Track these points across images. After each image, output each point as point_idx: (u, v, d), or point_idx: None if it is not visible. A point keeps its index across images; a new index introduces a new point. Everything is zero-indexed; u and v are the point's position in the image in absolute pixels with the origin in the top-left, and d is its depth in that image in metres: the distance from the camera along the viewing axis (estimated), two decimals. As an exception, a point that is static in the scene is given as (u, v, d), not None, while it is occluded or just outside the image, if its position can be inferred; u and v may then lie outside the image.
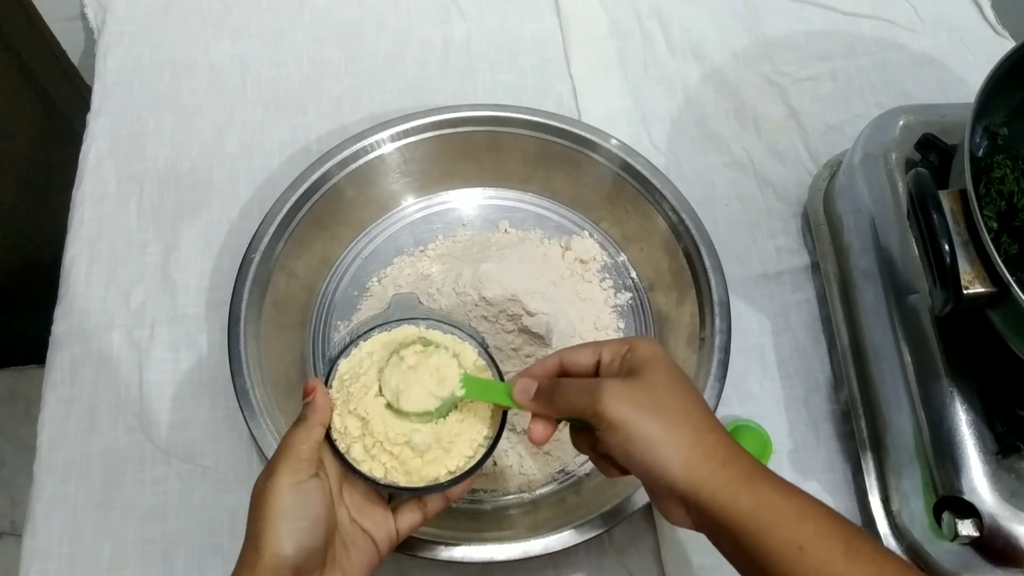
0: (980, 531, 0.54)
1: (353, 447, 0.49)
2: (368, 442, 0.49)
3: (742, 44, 0.88)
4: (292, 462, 0.46)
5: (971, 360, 0.59)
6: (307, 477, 0.46)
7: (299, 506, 0.45)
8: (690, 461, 0.43)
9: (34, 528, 0.64)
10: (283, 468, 0.46)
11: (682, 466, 0.43)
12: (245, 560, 0.45)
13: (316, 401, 0.49)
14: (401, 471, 0.49)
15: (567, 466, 0.66)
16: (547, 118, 0.73)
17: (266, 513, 0.45)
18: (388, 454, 0.49)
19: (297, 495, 0.45)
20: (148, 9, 0.88)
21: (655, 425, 0.44)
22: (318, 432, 0.48)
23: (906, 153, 0.66)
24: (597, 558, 0.64)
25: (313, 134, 0.81)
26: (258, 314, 0.64)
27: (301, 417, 0.49)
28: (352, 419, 0.50)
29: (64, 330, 0.71)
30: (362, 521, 0.50)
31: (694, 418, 0.45)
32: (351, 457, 0.49)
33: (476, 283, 0.68)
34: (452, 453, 0.50)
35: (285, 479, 0.45)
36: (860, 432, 0.67)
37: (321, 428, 0.48)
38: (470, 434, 0.51)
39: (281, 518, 0.44)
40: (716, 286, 0.66)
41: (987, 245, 0.50)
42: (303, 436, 0.47)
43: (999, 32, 0.90)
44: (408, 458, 0.49)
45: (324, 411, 0.49)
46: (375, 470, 0.49)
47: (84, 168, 0.79)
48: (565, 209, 0.77)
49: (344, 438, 0.49)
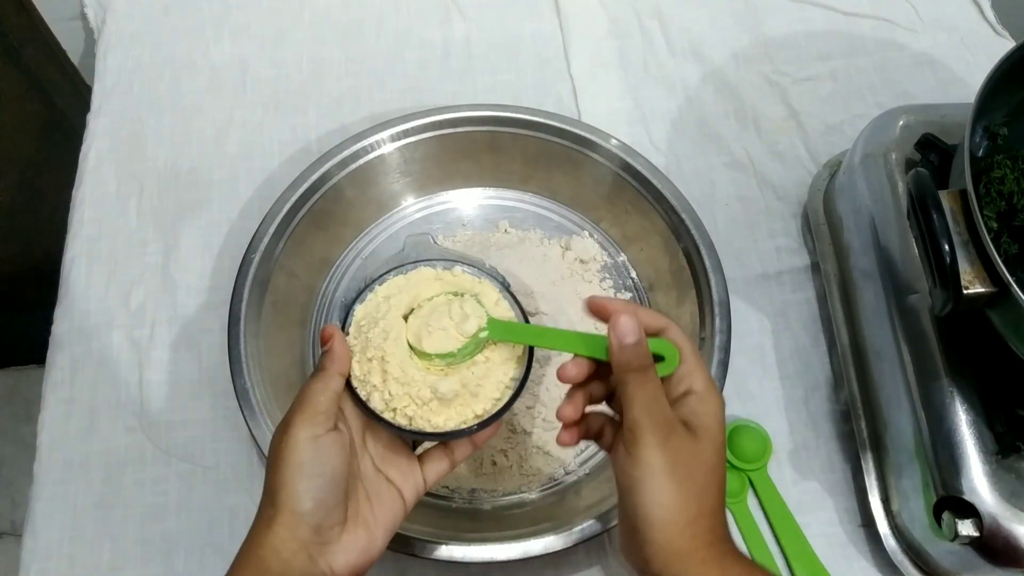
0: (980, 531, 0.54)
1: (373, 395, 0.48)
2: (392, 388, 0.47)
3: (742, 44, 0.88)
4: (309, 415, 0.44)
5: (971, 360, 0.59)
6: (325, 431, 0.44)
7: (317, 461, 0.44)
8: (680, 535, 0.43)
9: (34, 528, 0.64)
10: (300, 421, 0.44)
11: (667, 538, 0.43)
12: (263, 515, 0.44)
13: (334, 349, 0.47)
14: (425, 417, 0.48)
15: (567, 466, 0.66)
16: (547, 118, 0.73)
17: (284, 469, 0.43)
18: (411, 400, 0.48)
19: (315, 450, 0.44)
20: (148, 9, 0.88)
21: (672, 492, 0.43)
22: (337, 382, 0.46)
23: (906, 153, 0.66)
24: (597, 558, 0.64)
25: (313, 134, 0.81)
26: (258, 314, 0.64)
27: (319, 367, 0.47)
28: (373, 365, 0.48)
29: (64, 330, 0.71)
30: (387, 470, 0.48)
31: (706, 501, 0.44)
32: (372, 405, 0.47)
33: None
34: (479, 396, 0.49)
35: (302, 433, 0.44)
36: (860, 432, 0.66)
37: (340, 378, 0.47)
38: (496, 376, 0.49)
39: (298, 473, 0.43)
40: (716, 286, 0.66)
41: (987, 245, 0.50)
42: (321, 387, 0.46)
43: (999, 32, 0.90)
44: (433, 405, 0.48)
45: (343, 360, 0.47)
46: (398, 417, 0.47)
47: (84, 168, 0.79)
48: (565, 209, 0.77)
49: (364, 386, 0.48)
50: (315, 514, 0.43)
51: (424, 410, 0.48)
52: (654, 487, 0.43)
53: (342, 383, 0.47)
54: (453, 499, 0.65)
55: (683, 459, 0.43)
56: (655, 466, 0.43)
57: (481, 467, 0.65)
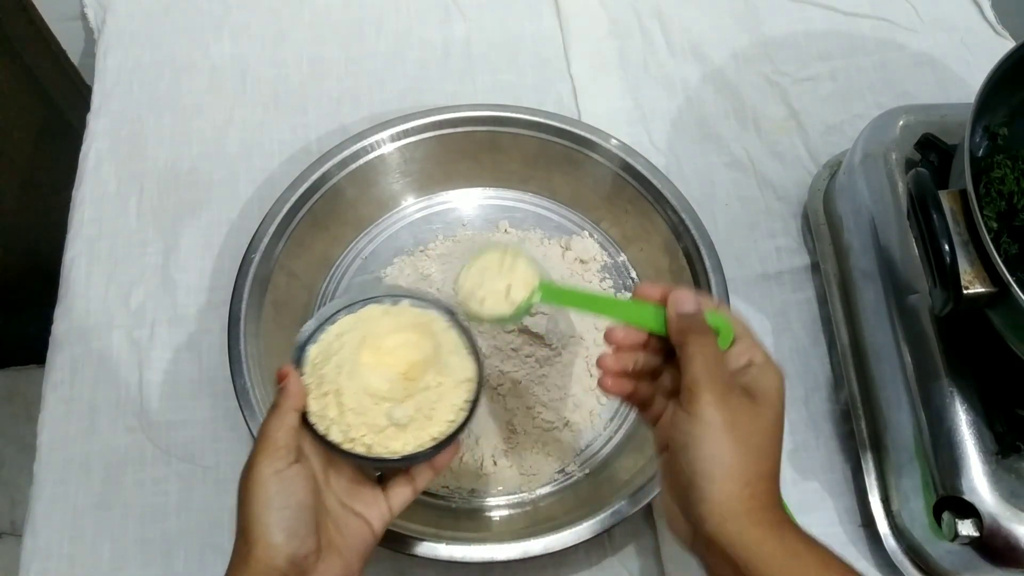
0: (980, 531, 0.55)
1: (332, 429, 0.49)
2: (349, 418, 0.49)
3: (742, 44, 0.88)
4: (270, 451, 0.46)
5: (971, 360, 0.59)
6: (286, 465, 0.46)
7: (282, 494, 0.45)
8: (739, 495, 0.43)
9: (34, 528, 0.64)
10: (262, 458, 0.46)
11: (724, 495, 0.43)
12: (238, 552, 0.45)
13: (288, 387, 0.48)
14: (383, 443, 0.49)
15: (567, 466, 0.66)
16: (547, 118, 0.73)
17: (251, 504, 0.45)
18: (368, 428, 0.49)
19: (279, 483, 0.45)
20: (148, 9, 0.88)
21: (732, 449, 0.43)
22: (292, 418, 0.48)
23: (906, 153, 0.66)
24: (597, 558, 0.64)
25: (313, 134, 0.81)
26: (258, 314, 0.64)
27: (274, 405, 0.48)
28: (329, 400, 0.49)
29: (64, 330, 0.71)
30: (353, 504, 0.50)
31: (764, 463, 0.44)
32: (331, 438, 0.49)
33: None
34: (434, 420, 0.50)
35: (265, 469, 0.45)
36: (860, 432, 0.66)
37: (295, 414, 0.48)
38: (450, 399, 0.51)
39: (266, 507, 0.45)
40: (716, 286, 0.66)
41: (987, 245, 0.50)
42: (277, 423, 0.47)
43: (999, 32, 0.90)
44: (390, 432, 0.49)
45: (297, 396, 0.48)
46: (357, 447, 0.49)
47: (84, 168, 0.79)
48: (565, 209, 0.77)
49: (322, 420, 0.49)
50: (288, 544, 0.44)
51: (381, 437, 0.49)
52: (713, 442, 0.43)
53: (296, 418, 0.48)
54: (453, 499, 0.65)
55: (743, 420, 0.44)
56: (715, 423, 0.43)
57: (481, 467, 0.65)
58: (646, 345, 0.49)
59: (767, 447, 0.44)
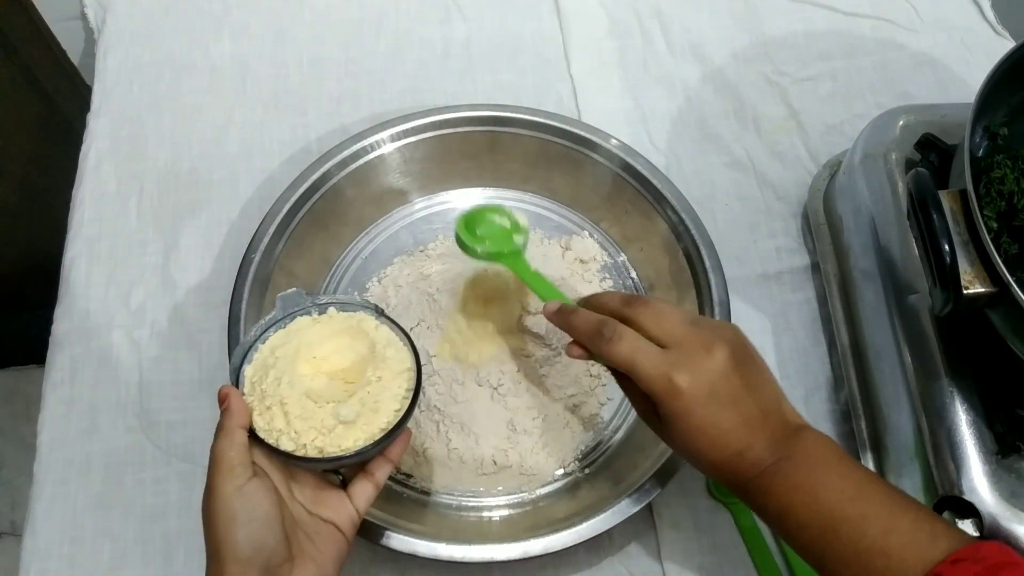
0: (980, 531, 0.54)
1: (282, 439, 0.49)
2: (296, 425, 0.49)
3: (742, 44, 0.88)
4: (226, 471, 0.46)
5: (971, 360, 0.59)
6: (245, 480, 0.46)
7: (246, 508, 0.45)
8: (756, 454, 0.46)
9: (34, 528, 0.64)
10: (219, 479, 0.46)
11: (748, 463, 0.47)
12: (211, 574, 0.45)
13: (231, 407, 0.48)
14: (336, 445, 0.50)
15: (567, 466, 0.66)
16: (547, 118, 0.73)
17: (217, 524, 0.45)
18: (317, 431, 0.50)
19: (241, 499, 0.45)
20: (148, 9, 0.88)
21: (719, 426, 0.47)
22: (240, 435, 0.48)
23: (906, 153, 0.66)
24: (597, 558, 0.64)
25: (313, 134, 0.81)
26: (258, 314, 0.64)
27: (219, 427, 0.48)
28: (274, 412, 0.50)
29: (64, 330, 0.71)
30: (320, 512, 0.50)
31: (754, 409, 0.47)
32: (283, 448, 0.49)
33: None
34: (380, 412, 0.51)
35: (226, 487, 0.46)
36: (860, 432, 0.66)
37: (242, 431, 0.48)
38: (391, 390, 0.52)
39: (232, 524, 0.45)
40: (716, 286, 0.66)
41: (987, 245, 0.50)
42: (227, 444, 0.47)
43: (999, 32, 0.90)
44: (339, 431, 0.50)
45: (241, 414, 0.49)
46: (310, 452, 0.49)
47: (84, 168, 0.79)
48: (565, 209, 0.77)
49: (271, 434, 0.49)
50: (259, 556, 0.45)
51: (332, 437, 0.50)
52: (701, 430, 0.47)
53: (244, 435, 0.48)
54: (453, 499, 0.65)
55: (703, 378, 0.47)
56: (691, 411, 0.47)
57: (481, 467, 0.65)
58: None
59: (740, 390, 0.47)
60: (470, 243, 0.63)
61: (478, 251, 0.63)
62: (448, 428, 0.65)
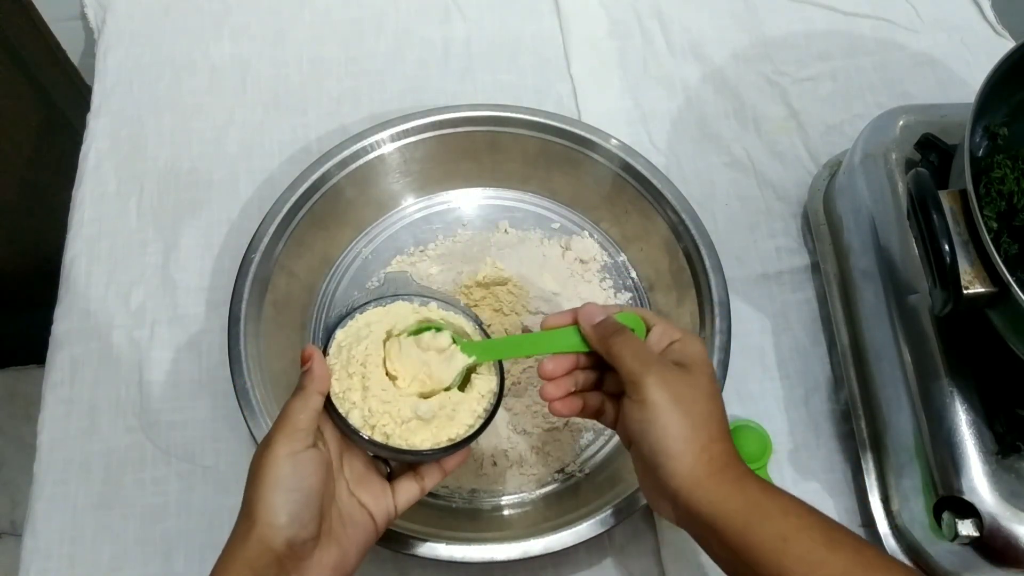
0: (980, 531, 0.54)
1: (352, 412, 0.49)
2: (372, 405, 0.49)
3: (742, 44, 0.88)
4: (289, 432, 0.46)
5: (971, 360, 0.59)
6: (303, 448, 0.46)
7: (294, 476, 0.45)
8: (696, 463, 0.46)
9: (34, 528, 0.64)
10: (280, 438, 0.46)
11: (687, 466, 0.46)
12: (238, 529, 0.45)
13: (313, 369, 0.48)
14: (403, 436, 0.49)
15: (567, 466, 0.66)
16: (547, 118, 0.73)
17: (262, 483, 0.45)
18: (391, 418, 0.49)
19: (293, 465, 0.45)
20: (148, 9, 0.88)
21: (681, 422, 0.46)
22: (316, 401, 0.47)
23: (906, 153, 0.66)
24: (597, 558, 0.64)
25: (313, 134, 0.81)
26: (258, 314, 0.64)
27: (299, 386, 0.48)
28: (354, 382, 0.49)
29: (64, 330, 0.71)
30: (360, 494, 0.50)
31: (713, 427, 0.47)
32: (351, 421, 0.48)
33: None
34: (455, 421, 0.51)
35: (281, 449, 0.45)
36: (860, 432, 0.66)
37: (319, 397, 0.48)
38: (470, 406, 0.52)
39: (276, 488, 0.44)
40: (716, 286, 0.66)
41: (987, 245, 0.50)
42: (300, 405, 0.47)
43: (999, 32, 0.90)
44: (412, 425, 0.50)
45: (322, 379, 0.48)
46: (376, 435, 0.49)
47: (84, 168, 0.79)
48: (565, 209, 0.77)
49: (344, 403, 0.49)
50: (289, 527, 0.44)
51: (403, 429, 0.50)
52: (664, 421, 0.46)
53: (321, 401, 0.48)
54: (453, 499, 0.65)
55: (683, 391, 0.47)
56: (659, 402, 0.46)
57: (481, 467, 0.65)
58: (578, 364, 0.53)
59: (711, 411, 0.48)
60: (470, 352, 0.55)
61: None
62: (448, 428, 0.65)
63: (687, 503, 0.46)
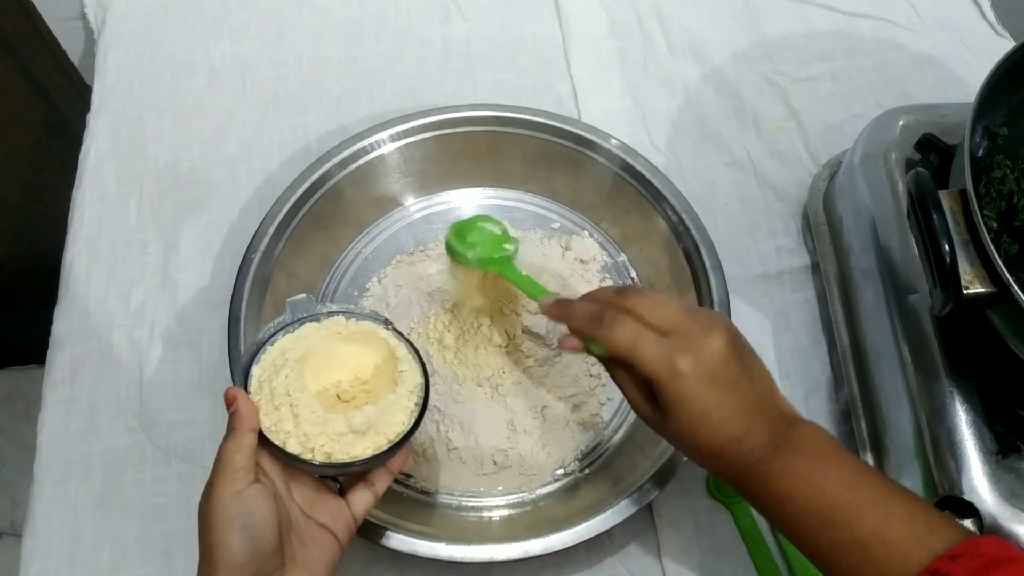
0: (980, 531, 0.54)
1: (289, 441, 0.49)
2: (307, 428, 0.49)
3: (742, 44, 0.88)
4: (229, 473, 0.46)
5: (971, 360, 0.59)
6: (246, 485, 0.46)
7: (244, 514, 0.45)
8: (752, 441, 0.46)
9: (34, 528, 0.64)
10: (220, 481, 0.46)
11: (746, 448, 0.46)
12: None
13: (240, 409, 0.48)
14: (344, 452, 0.50)
15: (567, 466, 0.66)
16: (547, 118, 0.73)
17: (213, 527, 0.45)
18: (328, 438, 0.50)
19: (239, 504, 0.45)
20: (148, 9, 0.88)
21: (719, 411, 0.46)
22: (249, 438, 0.48)
23: (906, 153, 0.66)
24: (597, 558, 0.64)
25: (313, 134, 0.81)
26: (258, 314, 0.64)
27: (229, 428, 0.48)
28: (283, 413, 0.50)
29: (64, 330, 0.71)
30: (316, 515, 0.50)
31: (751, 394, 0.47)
32: (290, 451, 0.49)
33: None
34: (390, 424, 0.51)
35: (225, 491, 0.45)
36: (860, 432, 0.66)
37: (251, 434, 0.48)
38: (401, 403, 0.52)
39: (229, 529, 0.45)
40: (716, 286, 0.66)
41: (987, 245, 0.50)
42: (235, 446, 0.47)
43: (999, 32, 0.90)
44: (349, 438, 0.50)
45: (250, 416, 0.48)
46: (317, 456, 0.49)
47: (84, 168, 0.79)
48: (565, 209, 0.77)
49: (278, 434, 0.49)
50: (252, 563, 0.45)
51: (341, 444, 0.50)
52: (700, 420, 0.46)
53: (254, 438, 0.48)
54: (453, 499, 0.65)
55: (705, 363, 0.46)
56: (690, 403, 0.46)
57: (481, 467, 0.65)
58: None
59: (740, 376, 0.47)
60: (461, 250, 0.63)
61: (468, 257, 0.63)
62: (448, 428, 0.66)
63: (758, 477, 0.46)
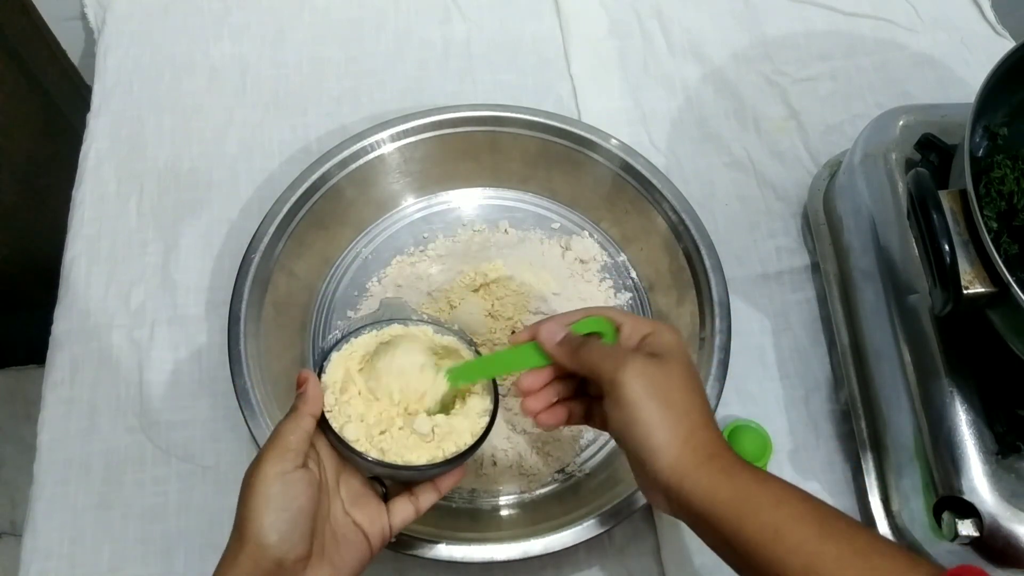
0: (980, 531, 0.54)
1: (347, 426, 0.49)
2: (370, 422, 0.50)
3: (742, 44, 0.88)
4: (279, 452, 0.46)
5: (971, 360, 0.59)
6: (293, 467, 0.46)
7: (283, 496, 0.45)
8: (681, 454, 0.45)
9: (34, 528, 0.64)
10: (270, 457, 0.46)
11: (673, 458, 0.45)
12: (231, 547, 0.45)
13: (307, 392, 0.49)
14: (398, 454, 0.50)
15: (567, 466, 0.66)
16: (547, 118, 0.73)
17: (251, 501, 0.45)
18: (388, 437, 0.50)
19: (282, 485, 0.45)
20: (148, 9, 0.88)
21: (661, 415, 0.46)
22: (307, 423, 0.48)
23: (906, 153, 0.66)
24: (597, 558, 0.64)
25: (313, 134, 0.81)
26: (258, 314, 0.64)
27: (292, 408, 0.49)
28: (351, 402, 0.50)
29: (64, 330, 0.71)
30: (355, 514, 0.50)
31: (695, 415, 0.47)
32: (346, 435, 0.49)
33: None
34: (449, 441, 0.51)
35: (271, 468, 0.46)
36: (860, 432, 0.66)
37: (311, 419, 0.48)
38: (466, 425, 0.52)
39: (266, 507, 0.45)
40: (716, 286, 0.66)
41: (987, 245, 0.50)
42: (292, 426, 0.47)
43: (999, 32, 0.90)
44: (408, 443, 0.50)
45: (315, 402, 0.49)
46: (372, 450, 0.49)
47: (84, 168, 0.79)
48: (565, 209, 0.77)
49: (339, 418, 0.50)
50: (279, 547, 0.45)
51: (398, 445, 0.50)
52: (643, 416, 0.46)
53: (312, 423, 0.48)
54: (453, 499, 0.65)
55: (658, 383, 0.47)
56: (636, 398, 0.46)
57: (481, 467, 0.65)
58: (556, 374, 0.53)
59: (690, 400, 0.47)
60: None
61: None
62: (448, 428, 0.66)
63: (678, 495, 0.45)
